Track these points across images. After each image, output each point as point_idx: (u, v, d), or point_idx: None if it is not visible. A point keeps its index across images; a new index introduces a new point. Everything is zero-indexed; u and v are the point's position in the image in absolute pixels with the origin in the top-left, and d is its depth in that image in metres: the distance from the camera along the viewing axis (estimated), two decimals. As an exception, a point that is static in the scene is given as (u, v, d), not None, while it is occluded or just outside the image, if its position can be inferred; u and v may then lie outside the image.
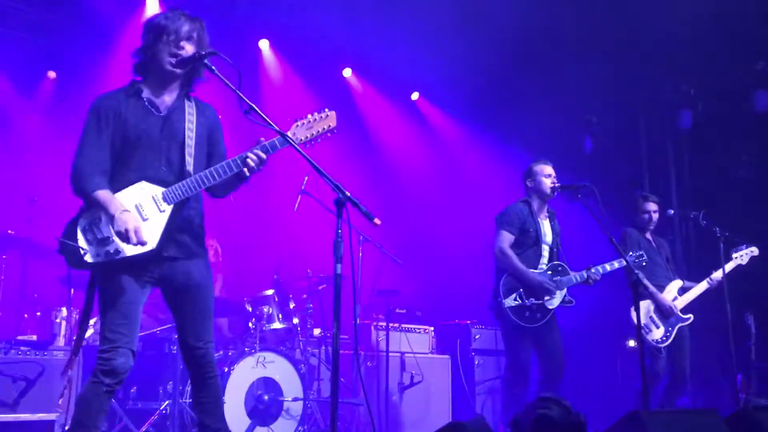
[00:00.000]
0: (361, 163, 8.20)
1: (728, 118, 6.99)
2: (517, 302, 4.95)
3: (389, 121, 8.57)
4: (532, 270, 5.02)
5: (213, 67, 3.05)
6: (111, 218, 2.96)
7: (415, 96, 8.58)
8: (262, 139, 3.17)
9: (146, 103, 3.17)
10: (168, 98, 3.22)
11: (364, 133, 8.50)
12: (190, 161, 3.17)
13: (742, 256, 5.55)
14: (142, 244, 2.97)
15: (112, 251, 2.98)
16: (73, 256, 2.97)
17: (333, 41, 7.31)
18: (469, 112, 8.31)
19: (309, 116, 3.25)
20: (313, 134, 3.23)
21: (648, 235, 5.79)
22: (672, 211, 6.33)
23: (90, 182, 3.03)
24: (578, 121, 7.96)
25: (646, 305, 5.43)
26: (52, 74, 7.19)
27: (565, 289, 5.04)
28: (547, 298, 4.96)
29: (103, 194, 3.01)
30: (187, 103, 3.26)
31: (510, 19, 6.50)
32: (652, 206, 5.77)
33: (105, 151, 3.09)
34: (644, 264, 5.21)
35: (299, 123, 3.23)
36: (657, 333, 5.38)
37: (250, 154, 3.12)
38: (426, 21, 6.78)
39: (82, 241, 2.98)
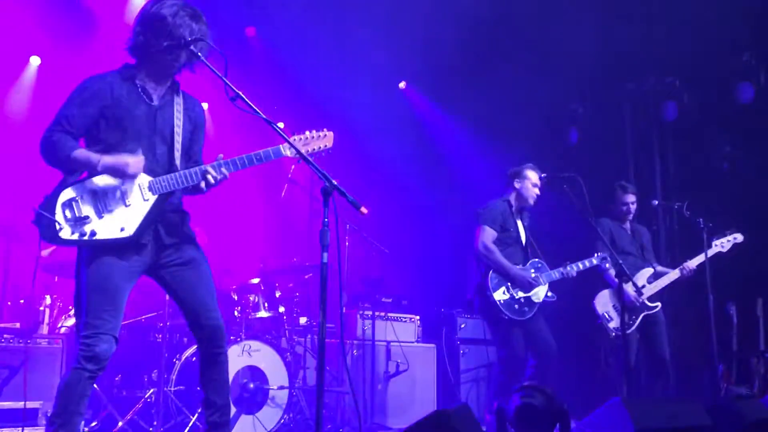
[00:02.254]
0: (347, 152, 8.16)
1: (712, 109, 7.03)
2: (506, 296, 5.09)
3: (375, 110, 8.54)
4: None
5: (199, 54, 3.04)
6: (97, 167, 2.97)
7: (402, 85, 8.56)
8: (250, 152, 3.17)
9: (140, 90, 3.16)
10: (160, 89, 3.22)
11: (350, 122, 8.46)
12: (177, 155, 3.18)
13: (723, 243, 5.43)
14: (137, 171, 3.01)
15: (88, 232, 2.96)
16: (48, 230, 2.93)
17: (317, 32, 7.27)
18: (454, 101, 8.30)
19: (306, 133, 3.27)
20: (308, 151, 3.24)
21: (625, 224, 5.77)
22: (656, 202, 6.34)
23: (64, 146, 3.00)
24: (564, 112, 7.98)
25: (607, 294, 5.46)
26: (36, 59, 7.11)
27: (547, 284, 5.20)
28: (532, 292, 5.10)
29: (80, 153, 3.00)
30: (176, 97, 3.26)
31: (493, 12, 6.52)
32: (631, 197, 5.73)
33: (79, 124, 3.06)
34: (607, 266, 5.26)
35: (296, 138, 3.24)
36: (618, 321, 5.34)
37: (211, 170, 3.11)
38: (407, 9, 6.77)
39: (59, 216, 2.95)
